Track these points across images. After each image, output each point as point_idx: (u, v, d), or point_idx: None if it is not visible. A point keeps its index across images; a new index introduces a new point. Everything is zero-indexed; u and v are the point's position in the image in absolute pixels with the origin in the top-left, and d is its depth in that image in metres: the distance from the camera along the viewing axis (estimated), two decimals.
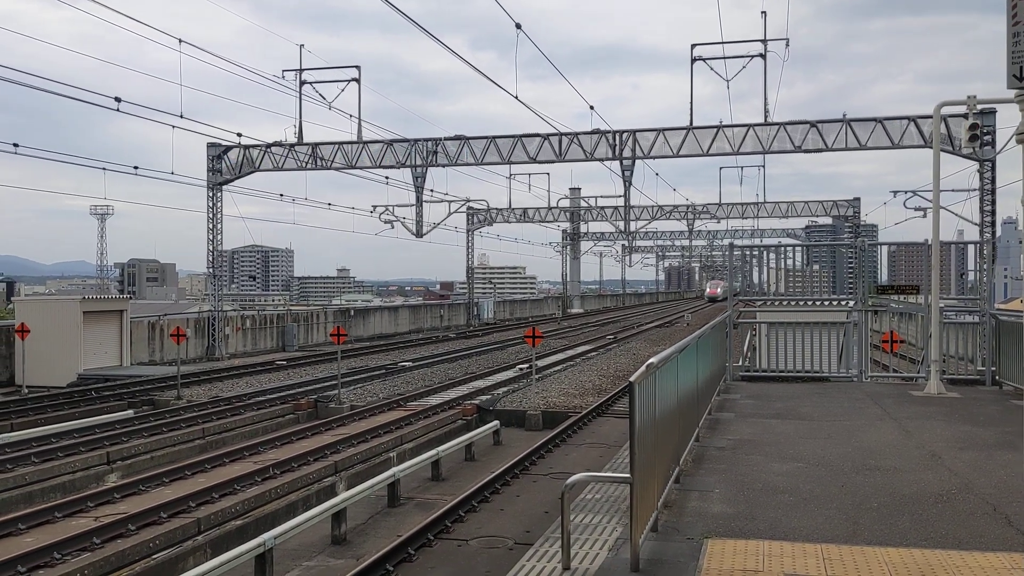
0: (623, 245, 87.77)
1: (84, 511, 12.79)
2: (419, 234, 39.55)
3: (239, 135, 28.97)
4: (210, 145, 32.93)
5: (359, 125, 31.55)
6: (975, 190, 28.56)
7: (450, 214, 44.09)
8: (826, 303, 18.69)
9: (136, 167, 26.42)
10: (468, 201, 47.92)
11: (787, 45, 27.94)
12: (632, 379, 5.46)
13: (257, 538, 10.74)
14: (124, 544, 11.09)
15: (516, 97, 23.27)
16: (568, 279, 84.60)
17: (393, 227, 43.44)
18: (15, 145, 21.69)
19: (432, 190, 39.43)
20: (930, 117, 24.09)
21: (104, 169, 25.70)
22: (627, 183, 31.97)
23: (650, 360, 5.96)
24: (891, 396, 14.41)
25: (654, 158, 30.12)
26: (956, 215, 41.93)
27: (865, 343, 16.98)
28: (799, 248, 26.26)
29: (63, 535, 11.15)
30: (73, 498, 13.37)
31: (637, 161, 30.48)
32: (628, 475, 5.64)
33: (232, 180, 33.84)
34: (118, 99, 20.19)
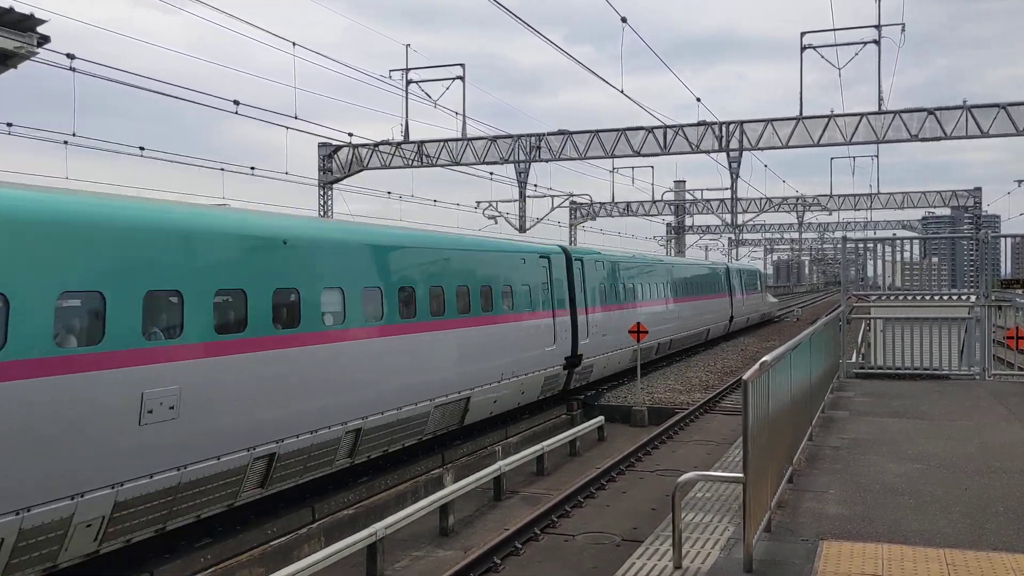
0: (730, 238, 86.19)
1: None
2: (522, 229, 39.67)
3: (350, 135, 29.61)
4: (321, 145, 33.78)
5: (463, 122, 31.87)
6: None
7: (553, 209, 43.93)
8: (945, 297, 17.95)
9: (252, 167, 27.22)
10: (571, 196, 47.73)
11: (903, 30, 26.88)
12: (745, 377, 5.39)
13: (368, 528, 11.02)
14: (243, 531, 11.53)
15: (622, 91, 23.10)
16: None
17: (497, 222, 43.63)
18: (141, 148, 22.71)
19: (536, 185, 39.39)
20: None
21: (222, 170, 26.60)
22: (734, 175, 31.34)
23: (764, 358, 5.86)
24: (1017, 395, 13.75)
25: (762, 149, 29.41)
26: None
27: (988, 339, 16.24)
28: (916, 240, 25.29)
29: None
30: None
31: (744, 153, 29.86)
32: (741, 474, 5.57)
33: (342, 179, 34.63)
34: (236, 102, 20.91)
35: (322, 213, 34.29)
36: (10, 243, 8.30)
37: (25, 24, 15.18)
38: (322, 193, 34.57)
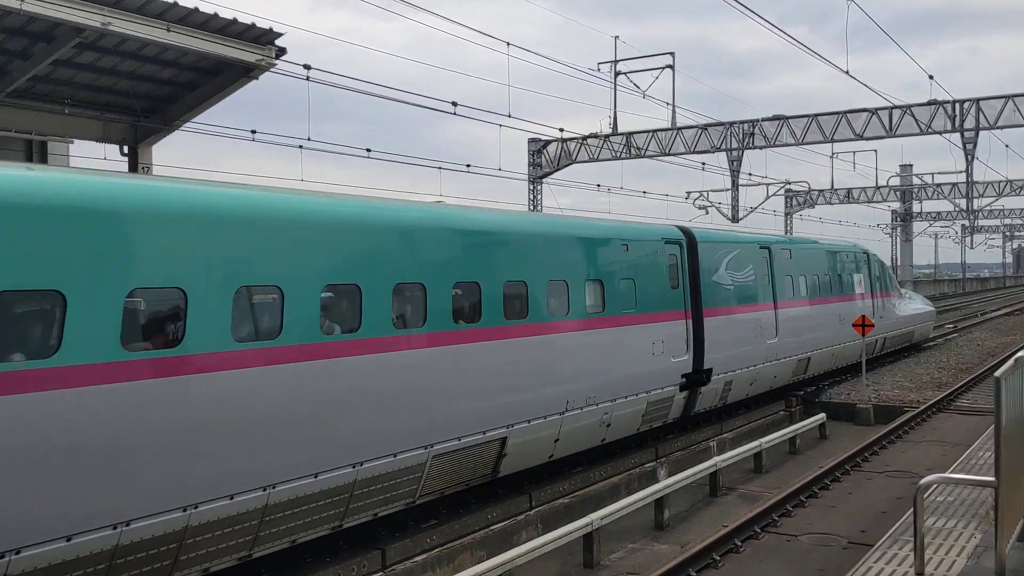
0: (963, 225, 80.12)
1: None
2: (735, 219, 38.70)
3: (561, 130, 30.00)
4: (530, 140, 34.45)
5: (673, 111, 31.49)
6: None
7: (768, 197, 42.50)
8: None
9: (468, 165, 28.14)
10: (787, 183, 45.98)
11: None
12: (998, 374, 4.99)
13: (584, 518, 11.13)
14: (466, 514, 11.97)
15: (847, 72, 22.00)
16: (899, 263, 78.63)
17: (707, 213, 42.82)
18: (368, 151, 24.02)
19: (749, 173, 38.25)
20: None
21: (440, 168, 27.69)
22: (970, 157, 29.09)
23: (1019, 354, 5.40)
24: None
25: (1002, 128, 27.19)
26: None
27: None
28: None
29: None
30: None
31: (982, 132, 27.67)
32: (992, 478, 5.17)
33: (551, 173, 35.17)
34: (454, 103, 21.72)
35: (532, 208, 34.96)
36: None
37: (264, 38, 16.50)
38: (531, 188, 35.24)
